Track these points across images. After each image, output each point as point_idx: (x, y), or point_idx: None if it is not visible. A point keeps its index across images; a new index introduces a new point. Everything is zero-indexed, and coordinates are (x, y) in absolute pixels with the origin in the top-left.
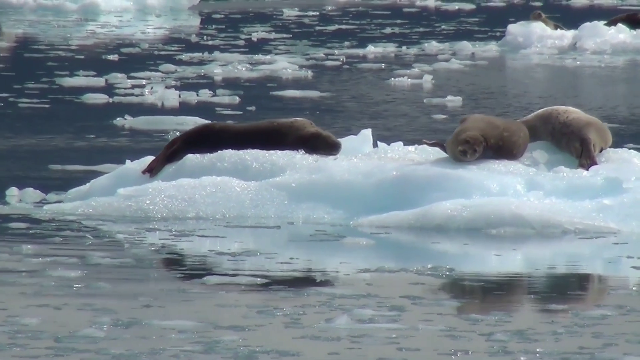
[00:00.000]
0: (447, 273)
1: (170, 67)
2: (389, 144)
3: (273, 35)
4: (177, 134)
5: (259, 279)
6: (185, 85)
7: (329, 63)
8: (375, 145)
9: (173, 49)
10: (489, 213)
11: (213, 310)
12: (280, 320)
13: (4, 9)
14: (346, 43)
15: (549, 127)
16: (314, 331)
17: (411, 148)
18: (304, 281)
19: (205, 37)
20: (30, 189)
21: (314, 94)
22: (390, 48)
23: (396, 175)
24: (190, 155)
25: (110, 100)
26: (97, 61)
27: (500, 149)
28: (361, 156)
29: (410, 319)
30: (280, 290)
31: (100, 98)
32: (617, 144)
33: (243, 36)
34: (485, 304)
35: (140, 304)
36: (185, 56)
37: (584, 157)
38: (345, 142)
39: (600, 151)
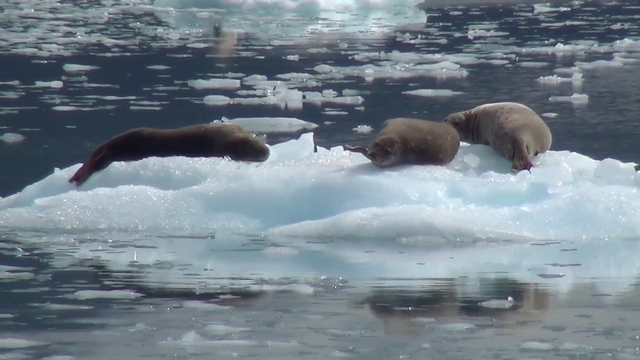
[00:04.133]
0: (340, 284)
1: (326, 67)
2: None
3: (491, 33)
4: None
5: (133, 292)
6: (327, 85)
7: (496, 62)
8: (316, 150)
9: (365, 48)
10: (400, 222)
11: (61, 327)
12: (127, 337)
13: (225, 8)
14: (550, 40)
15: (490, 127)
16: (157, 349)
17: (345, 153)
18: (179, 295)
19: (419, 36)
20: None
21: (446, 93)
22: (581, 45)
23: (314, 182)
24: (115, 163)
25: (231, 101)
26: (268, 61)
27: (424, 153)
28: (292, 162)
29: (267, 335)
30: (146, 304)
31: (221, 100)
32: None
33: (458, 34)
34: (357, 318)
35: None
36: (360, 56)
37: (517, 158)
38: (285, 146)
39: (536, 154)
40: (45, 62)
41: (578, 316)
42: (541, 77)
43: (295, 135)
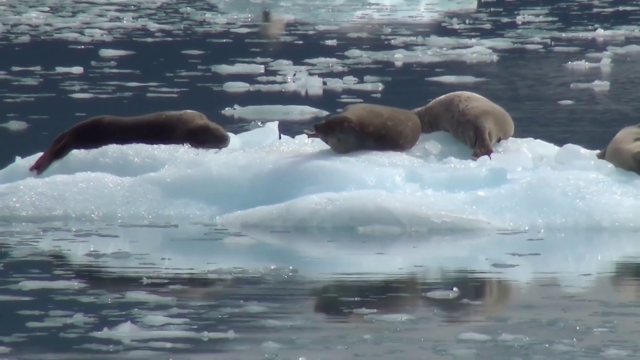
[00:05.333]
0: (290, 274)
1: (356, 52)
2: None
3: (539, 18)
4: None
5: (77, 283)
6: (353, 71)
7: (530, 47)
8: (280, 138)
9: (407, 33)
10: (354, 207)
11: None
12: (63, 328)
13: None
14: (596, 26)
15: (449, 115)
16: (91, 340)
17: (308, 141)
18: (125, 285)
19: (467, 20)
20: None
21: (469, 79)
22: (622, 30)
23: (272, 169)
24: (75, 151)
25: (250, 88)
26: (303, 46)
27: (384, 138)
28: (253, 150)
29: (205, 326)
30: (89, 295)
31: (241, 86)
32: None
33: (506, 19)
34: (301, 309)
35: None
36: (397, 41)
37: (479, 146)
38: (250, 135)
39: (498, 141)
40: (83, 47)
41: (523, 307)
42: (569, 62)
43: (307, 123)
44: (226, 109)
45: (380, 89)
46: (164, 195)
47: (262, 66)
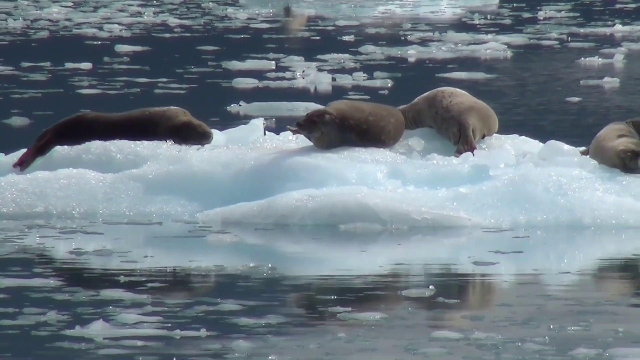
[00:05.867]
0: (269, 272)
1: (370, 48)
2: (278, 134)
3: (561, 14)
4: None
5: (53, 280)
6: (364, 67)
7: (546, 43)
8: (265, 135)
9: (426, 29)
10: (334, 203)
11: None
12: (35, 326)
13: None
14: (615, 22)
15: (432, 111)
16: (63, 338)
17: (293, 137)
18: (101, 283)
19: (489, 16)
20: None
21: (479, 75)
22: (639, 27)
23: (254, 165)
24: (58, 147)
25: (259, 84)
26: (318, 42)
27: (365, 133)
28: (239, 146)
29: (178, 324)
30: (64, 293)
31: (250, 82)
32: None
33: (528, 15)
34: (276, 307)
35: None
36: (413, 36)
37: (462, 142)
38: (235, 132)
39: (483, 137)
40: (99, 43)
41: (499, 306)
42: (582, 59)
43: None
44: (232, 105)
45: (389, 85)
46: (146, 191)
47: (274, 62)
